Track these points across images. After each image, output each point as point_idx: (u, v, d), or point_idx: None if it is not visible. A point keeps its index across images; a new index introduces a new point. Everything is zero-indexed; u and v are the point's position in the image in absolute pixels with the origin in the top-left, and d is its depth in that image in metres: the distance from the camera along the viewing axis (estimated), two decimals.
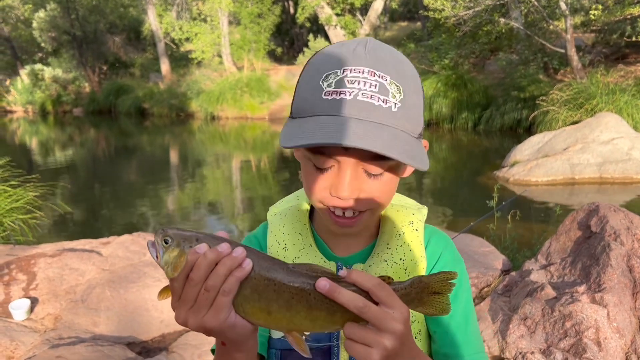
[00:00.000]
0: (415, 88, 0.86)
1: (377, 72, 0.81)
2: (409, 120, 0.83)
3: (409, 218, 1.02)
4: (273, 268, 0.74)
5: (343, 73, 0.81)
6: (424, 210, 1.06)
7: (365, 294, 0.73)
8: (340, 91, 0.80)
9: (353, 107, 0.80)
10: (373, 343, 0.72)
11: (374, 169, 0.84)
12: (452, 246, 1.05)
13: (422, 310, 0.79)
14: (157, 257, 0.75)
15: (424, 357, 0.83)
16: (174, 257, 0.73)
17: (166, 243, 0.74)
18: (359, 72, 0.81)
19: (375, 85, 0.80)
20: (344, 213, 0.88)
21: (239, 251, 0.72)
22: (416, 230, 1.00)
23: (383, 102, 0.80)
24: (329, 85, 0.81)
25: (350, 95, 0.80)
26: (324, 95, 0.81)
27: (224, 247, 0.72)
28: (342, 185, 0.84)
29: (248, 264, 0.72)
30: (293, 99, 0.89)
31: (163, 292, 0.77)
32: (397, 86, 0.82)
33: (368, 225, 1.00)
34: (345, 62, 0.82)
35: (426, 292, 0.78)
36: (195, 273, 0.71)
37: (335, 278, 0.73)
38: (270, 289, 0.73)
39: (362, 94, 0.80)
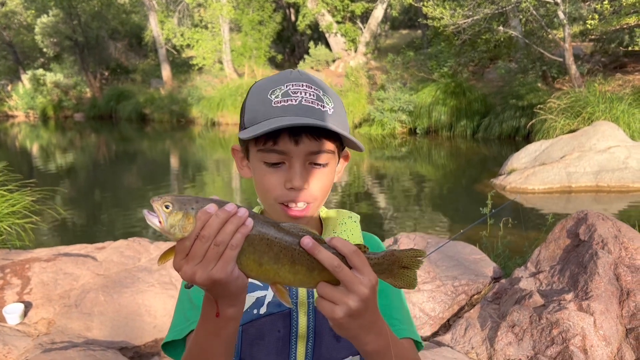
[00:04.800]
0: (340, 104, 1.06)
1: (313, 86, 1.02)
2: (340, 123, 1.02)
3: (348, 214, 1.17)
4: (266, 226, 0.83)
5: (286, 87, 1.00)
6: (357, 215, 1.20)
7: (342, 258, 0.81)
8: (287, 99, 0.98)
9: (300, 109, 0.98)
10: (339, 301, 0.80)
11: (321, 158, 1.01)
12: (383, 246, 1.22)
13: (391, 281, 0.88)
14: (160, 222, 0.80)
15: (383, 323, 0.90)
16: (180, 219, 0.79)
17: (167, 208, 0.80)
18: (299, 85, 1.00)
19: (314, 95, 1.00)
20: (296, 205, 1.02)
21: (243, 211, 0.81)
22: (355, 222, 1.16)
23: (321, 107, 1.00)
24: (277, 97, 0.99)
25: (296, 101, 0.98)
26: (274, 104, 0.98)
27: (231, 207, 0.80)
28: (295, 175, 0.99)
29: (250, 222, 0.81)
30: (242, 115, 1.04)
31: (163, 257, 0.83)
32: (328, 98, 1.02)
33: (311, 223, 1.13)
34: (286, 80, 1.02)
35: (397, 265, 0.87)
36: (206, 230, 0.78)
37: (318, 240, 0.83)
38: (264, 243, 0.82)
39: (305, 100, 0.99)
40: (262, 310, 1.05)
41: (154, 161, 15.16)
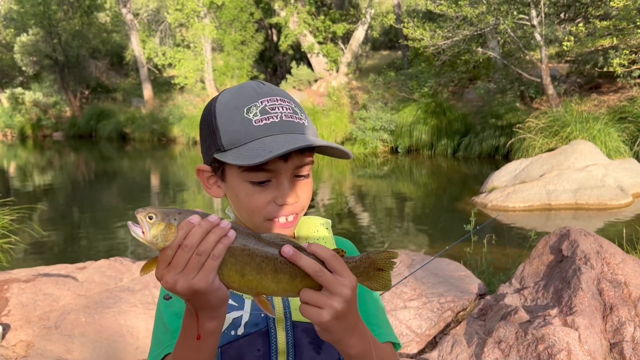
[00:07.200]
0: (306, 114, 1.08)
1: (286, 99, 1.04)
2: (313, 132, 1.06)
3: (320, 221, 1.20)
4: (247, 237, 0.85)
5: (262, 104, 1.01)
6: (329, 220, 1.24)
7: (322, 263, 0.84)
8: (267, 116, 1.00)
9: (283, 126, 1.00)
10: (324, 305, 0.83)
11: (304, 170, 1.04)
12: (356, 250, 1.23)
13: (368, 284, 0.91)
14: (143, 232, 0.81)
15: (364, 325, 0.94)
16: (162, 230, 0.81)
17: (150, 219, 0.82)
18: (274, 100, 1.02)
19: (290, 109, 1.02)
20: (286, 218, 1.04)
21: (226, 222, 0.83)
22: (327, 229, 1.19)
23: (299, 120, 1.03)
24: (255, 115, 1.00)
25: (277, 118, 1.00)
26: (255, 123, 0.99)
27: (214, 217, 0.82)
28: (286, 192, 1.01)
29: (233, 234, 0.82)
30: (216, 136, 1.01)
31: (146, 267, 0.84)
32: (299, 109, 1.05)
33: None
34: (257, 95, 1.02)
35: (372, 268, 0.90)
36: (189, 239, 0.80)
37: (298, 247, 0.85)
38: (245, 254, 0.84)
39: (285, 115, 1.01)
40: (240, 331, 1.05)
41: (134, 180, 15.00)
